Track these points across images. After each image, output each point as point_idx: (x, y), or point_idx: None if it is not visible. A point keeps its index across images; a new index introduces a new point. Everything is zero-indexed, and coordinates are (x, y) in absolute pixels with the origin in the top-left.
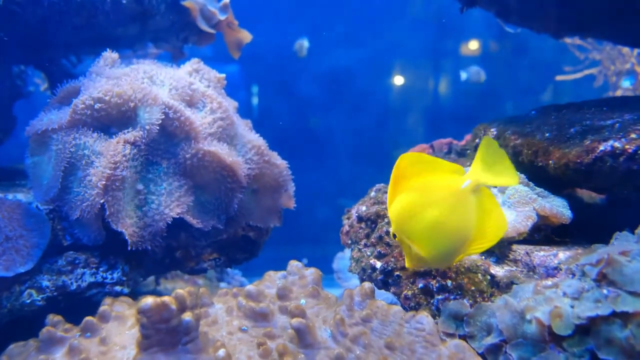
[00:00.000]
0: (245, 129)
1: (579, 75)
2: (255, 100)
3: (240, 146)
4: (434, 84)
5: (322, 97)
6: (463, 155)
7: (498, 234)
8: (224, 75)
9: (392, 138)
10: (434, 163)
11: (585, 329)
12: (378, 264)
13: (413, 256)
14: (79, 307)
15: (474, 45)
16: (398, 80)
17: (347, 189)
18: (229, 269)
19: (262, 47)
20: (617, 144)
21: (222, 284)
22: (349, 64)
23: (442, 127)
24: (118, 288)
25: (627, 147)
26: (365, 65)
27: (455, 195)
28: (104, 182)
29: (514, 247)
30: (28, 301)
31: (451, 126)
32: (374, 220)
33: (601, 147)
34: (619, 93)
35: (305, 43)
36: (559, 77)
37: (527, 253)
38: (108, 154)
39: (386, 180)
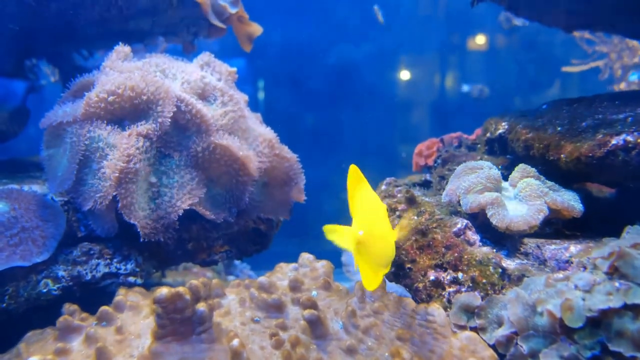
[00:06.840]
0: (256, 122)
1: (585, 67)
2: (261, 95)
3: (251, 139)
4: (442, 79)
5: (329, 91)
6: (473, 149)
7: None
8: (235, 69)
9: (400, 133)
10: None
11: (597, 322)
12: None
13: None
14: (93, 297)
15: (481, 40)
16: (406, 74)
17: None
18: (237, 262)
19: (269, 42)
20: (629, 138)
21: (231, 277)
22: (357, 58)
23: (450, 122)
24: (132, 279)
25: (639, 140)
26: (373, 59)
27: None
28: (117, 175)
29: (525, 240)
30: (44, 290)
31: (459, 121)
32: None
33: (613, 141)
34: (622, 86)
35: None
36: (564, 69)
37: (539, 246)
38: (121, 147)
39: (394, 175)
